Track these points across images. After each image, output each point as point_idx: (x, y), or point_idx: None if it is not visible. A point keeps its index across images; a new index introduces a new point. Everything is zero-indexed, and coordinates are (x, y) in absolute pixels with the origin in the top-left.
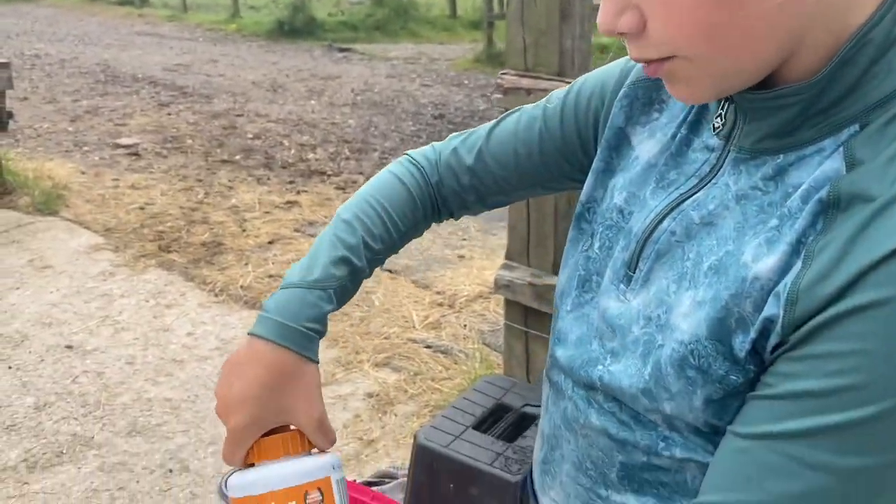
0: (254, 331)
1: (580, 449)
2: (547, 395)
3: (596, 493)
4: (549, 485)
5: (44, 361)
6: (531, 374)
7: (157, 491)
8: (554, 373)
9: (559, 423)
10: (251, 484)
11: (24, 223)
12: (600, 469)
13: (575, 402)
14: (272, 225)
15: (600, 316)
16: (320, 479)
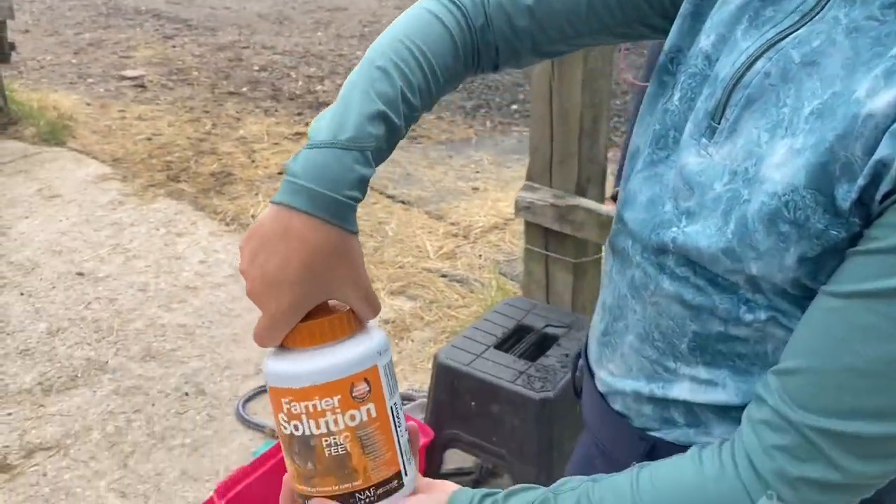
0: (284, 200)
1: (647, 319)
2: (610, 265)
3: (662, 366)
4: (609, 357)
5: (55, 288)
6: (551, 297)
7: (174, 413)
8: (620, 239)
9: (625, 292)
10: (292, 376)
11: (30, 153)
12: (669, 339)
13: (644, 269)
14: (281, 156)
15: (677, 174)
16: (367, 369)
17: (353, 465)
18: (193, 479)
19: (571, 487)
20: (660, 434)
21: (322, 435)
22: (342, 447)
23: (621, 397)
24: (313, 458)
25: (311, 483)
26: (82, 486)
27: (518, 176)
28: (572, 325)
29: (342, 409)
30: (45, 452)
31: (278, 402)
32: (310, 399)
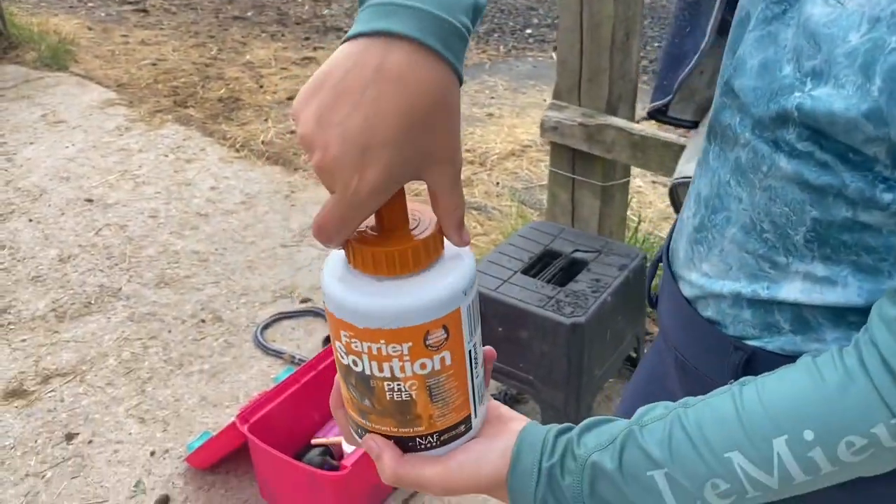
0: (376, 26)
1: (756, 206)
2: (707, 150)
3: (771, 262)
4: (703, 256)
5: (64, 215)
6: (576, 223)
7: (190, 340)
8: (726, 115)
9: (727, 178)
10: (356, 312)
11: (32, 78)
12: (782, 230)
13: (755, 148)
14: (290, 81)
15: (799, 28)
16: (448, 315)
17: (417, 412)
18: (213, 405)
19: (658, 416)
20: (759, 342)
21: (385, 379)
22: (406, 394)
23: (715, 301)
24: (372, 397)
25: (367, 418)
26: (100, 412)
27: (534, 101)
28: (602, 250)
29: (412, 357)
30: (61, 378)
31: (336, 329)
32: (374, 341)
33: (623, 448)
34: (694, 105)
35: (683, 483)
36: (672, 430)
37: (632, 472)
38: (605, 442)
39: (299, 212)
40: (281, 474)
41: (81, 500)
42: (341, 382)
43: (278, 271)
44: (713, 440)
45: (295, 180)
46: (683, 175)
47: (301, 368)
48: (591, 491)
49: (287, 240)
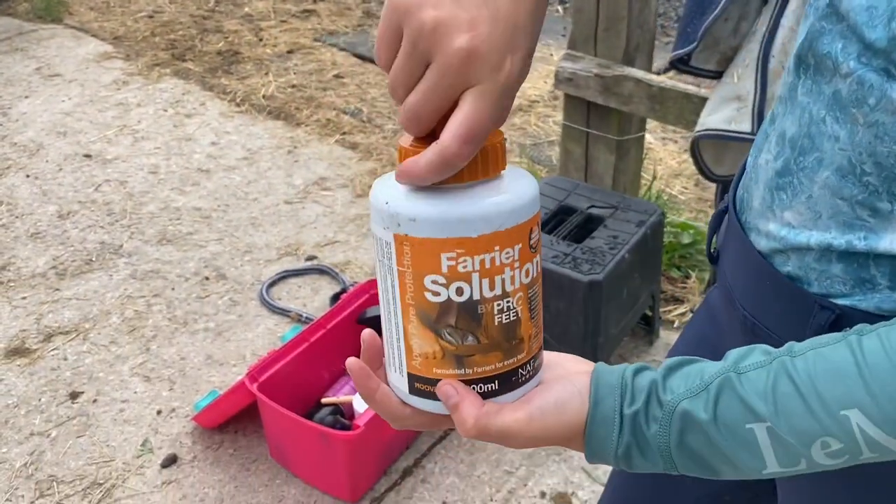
0: None
1: (857, 145)
2: (792, 85)
3: (870, 209)
4: (786, 204)
5: (63, 170)
6: (590, 178)
7: (195, 298)
8: (825, 42)
9: (822, 115)
10: (466, 219)
11: (25, 30)
12: (888, 172)
13: (861, 78)
14: (290, 34)
15: None
16: (538, 212)
17: (520, 334)
18: (219, 363)
19: (758, 363)
20: (850, 301)
21: (495, 298)
22: (514, 312)
23: (798, 255)
24: (478, 329)
25: (467, 363)
26: (104, 371)
27: (540, 56)
28: (618, 206)
29: (521, 262)
30: (64, 336)
31: (432, 258)
32: (489, 251)
33: (718, 397)
34: (718, 55)
35: (788, 439)
36: (777, 381)
37: (728, 424)
38: (696, 388)
39: (302, 167)
40: (291, 434)
41: (88, 459)
42: (418, 337)
43: (282, 228)
44: (828, 396)
45: (297, 135)
46: (706, 128)
47: (310, 327)
48: (679, 441)
49: (291, 196)
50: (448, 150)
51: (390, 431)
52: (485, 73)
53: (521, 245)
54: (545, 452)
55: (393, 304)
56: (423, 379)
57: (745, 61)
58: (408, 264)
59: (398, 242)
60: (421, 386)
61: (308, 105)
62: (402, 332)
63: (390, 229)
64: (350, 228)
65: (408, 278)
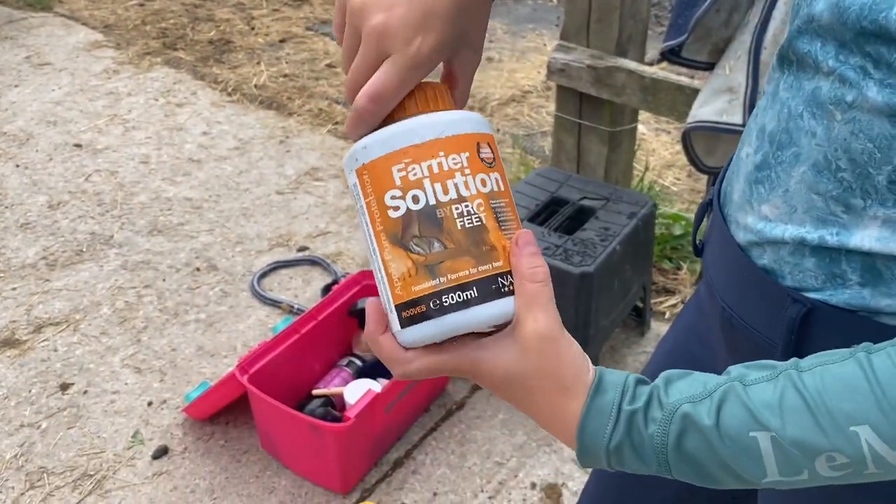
0: None
1: (833, 142)
2: (775, 80)
3: (844, 204)
4: (763, 197)
5: (52, 160)
6: (582, 169)
7: (185, 289)
8: (803, 42)
9: (799, 110)
10: (409, 130)
11: (15, 18)
12: (862, 169)
13: (839, 76)
14: (282, 23)
15: None
16: (489, 133)
17: (491, 241)
18: (210, 354)
19: (764, 377)
20: (821, 295)
21: (452, 201)
22: (476, 217)
23: (773, 248)
24: (442, 233)
25: (439, 271)
26: (95, 362)
27: (533, 46)
28: (610, 198)
29: (472, 170)
30: (55, 328)
31: (385, 174)
32: (434, 156)
33: (722, 403)
34: (709, 45)
35: (793, 451)
36: (784, 394)
37: (730, 431)
38: (699, 395)
39: (294, 158)
40: (282, 425)
41: (78, 450)
42: (394, 260)
43: (274, 219)
44: (838, 411)
45: (289, 125)
46: (698, 119)
47: (301, 318)
48: (676, 443)
49: (283, 187)
50: (357, 105)
51: (381, 423)
52: (396, 45)
53: (468, 154)
54: (536, 443)
55: (370, 242)
56: (406, 304)
57: (736, 53)
58: (370, 192)
59: (359, 176)
60: (406, 313)
61: (300, 95)
62: (381, 266)
63: (353, 168)
64: (342, 219)
65: (373, 206)
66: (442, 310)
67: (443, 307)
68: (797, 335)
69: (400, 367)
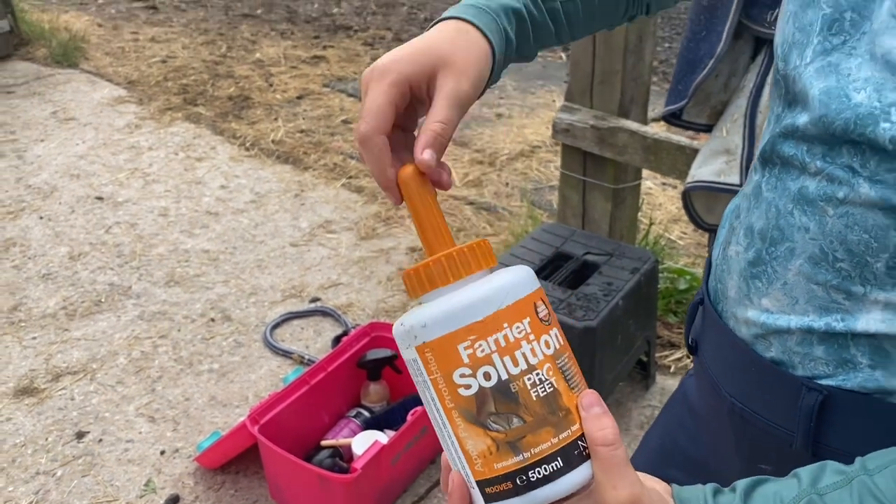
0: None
1: (828, 235)
2: (756, 182)
3: (845, 292)
4: (762, 291)
5: (75, 212)
6: (587, 225)
7: (200, 339)
8: (787, 146)
9: (789, 208)
10: (471, 306)
11: (43, 75)
12: (860, 259)
13: (829, 175)
14: (299, 80)
15: (878, 60)
16: (540, 288)
17: (565, 405)
18: (222, 404)
19: (837, 484)
20: (835, 381)
21: (523, 373)
22: (548, 383)
23: (780, 339)
24: (519, 408)
25: (521, 447)
26: (111, 411)
27: (543, 102)
28: (613, 253)
29: (535, 335)
30: (72, 376)
31: (452, 352)
32: (499, 329)
33: None
34: (708, 109)
35: None
36: (863, 500)
37: None
38: None
39: (309, 211)
40: (291, 475)
41: (92, 498)
42: (470, 438)
43: (287, 270)
44: None
45: (305, 179)
46: (697, 179)
47: (311, 369)
48: None
49: (297, 239)
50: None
51: (387, 474)
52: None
53: (529, 318)
54: None
55: (440, 418)
56: (489, 481)
57: (733, 116)
58: (435, 369)
59: (421, 354)
60: (491, 490)
61: (316, 149)
62: (456, 443)
63: (412, 345)
64: (353, 271)
65: (440, 383)
66: (529, 485)
67: (529, 482)
68: (816, 424)
69: None
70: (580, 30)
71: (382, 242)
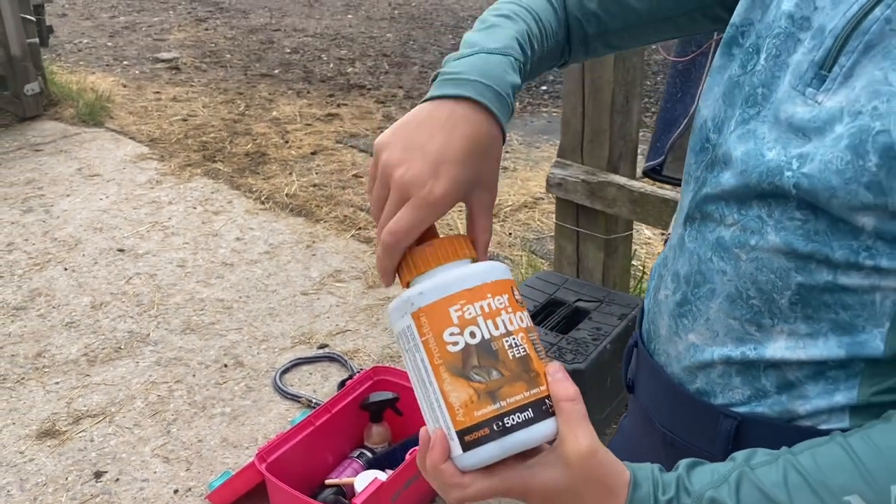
0: (448, 92)
1: (742, 277)
2: (680, 235)
3: (757, 324)
4: (689, 327)
5: (98, 264)
6: (582, 273)
7: (213, 384)
8: (708, 206)
9: (707, 255)
10: (462, 278)
11: (70, 134)
12: (768, 296)
13: (742, 226)
14: (314, 137)
15: (783, 126)
16: (512, 279)
17: (535, 368)
18: (233, 445)
19: (765, 461)
20: (748, 408)
21: (502, 335)
22: (522, 347)
23: (703, 372)
24: (498, 363)
25: (499, 396)
26: (127, 452)
27: (547, 156)
28: (604, 300)
29: (512, 308)
30: (92, 419)
31: (444, 314)
32: (484, 297)
33: (739, 485)
34: None
35: None
36: (787, 473)
37: None
38: (718, 480)
39: (319, 261)
40: None
41: None
42: (454, 390)
43: (297, 318)
44: (832, 484)
45: (316, 231)
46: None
47: (316, 412)
48: None
49: (307, 287)
50: (382, 239)
51: None
52: (414, 191)
53: (507, 295)
54: None
55: (427, 375)
56: (469, 429)
57: None
58: (427, 331)
59: (415, 318)
60: (470, 437)
61: (328, 202)
62: (440, 396)
63: (408, 312)
64: (361, 318)
65: (431, 343)
66: (504, 430)
67: (505, 428)
68: (733, 446)
69: (459, 492)
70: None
71: (389, 291)
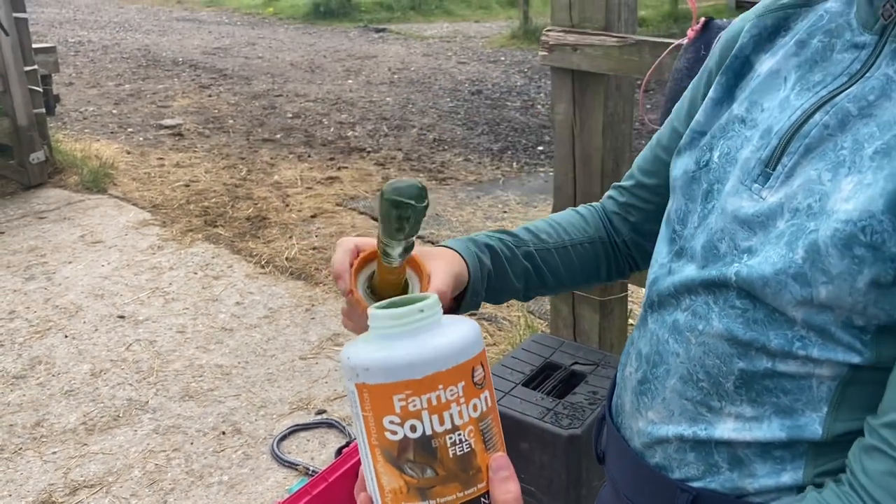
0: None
1: (692, 359)
2: (644, 315)
3: (707, 406)
4: (648, 405)
5: (98, 331)
6: (578, 336)
7: (211, 452)
8: (669, 291)
9: (665, 337)
10: (410, 364)
11: (73, 201)
12: (714, 379)
13: (693, 311)
14: (314, 200)
15: (727, 218)
16: (482, 351)
17: (478, 464)
18: None
19: None
20: (703, 483)
21: (446, 432)
22: (467, 444)
23: (661, 448)
24: (434, 462)
25: (430, 495)
26: None
27: (544, 215)
28: (600, 363)
29: (466, 397)
30: (89, 490)
31: (386, 400)
32: (433, 389)
33: None
34: None
35: None
36: None
37: None
38: None
39: (318, 324)
40: None
41: None
42: (387, 475)
43: (296, 384)
44: None
45: (315, 294)
46: None
47: (313, 480)
48: None
49: (306, 352)
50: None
51: None
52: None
53: (464, 383)
54: None
55: (364, 447)
56: None
57: None
58: (369, 409)
59: (359, 390)
60: None
61: (327, 265)
62: (374, 473)
63: (353, 380)
64: None
65: (370, 422)
66: None
67: None
68: None
69: None
70: (564, 279)
71: None
